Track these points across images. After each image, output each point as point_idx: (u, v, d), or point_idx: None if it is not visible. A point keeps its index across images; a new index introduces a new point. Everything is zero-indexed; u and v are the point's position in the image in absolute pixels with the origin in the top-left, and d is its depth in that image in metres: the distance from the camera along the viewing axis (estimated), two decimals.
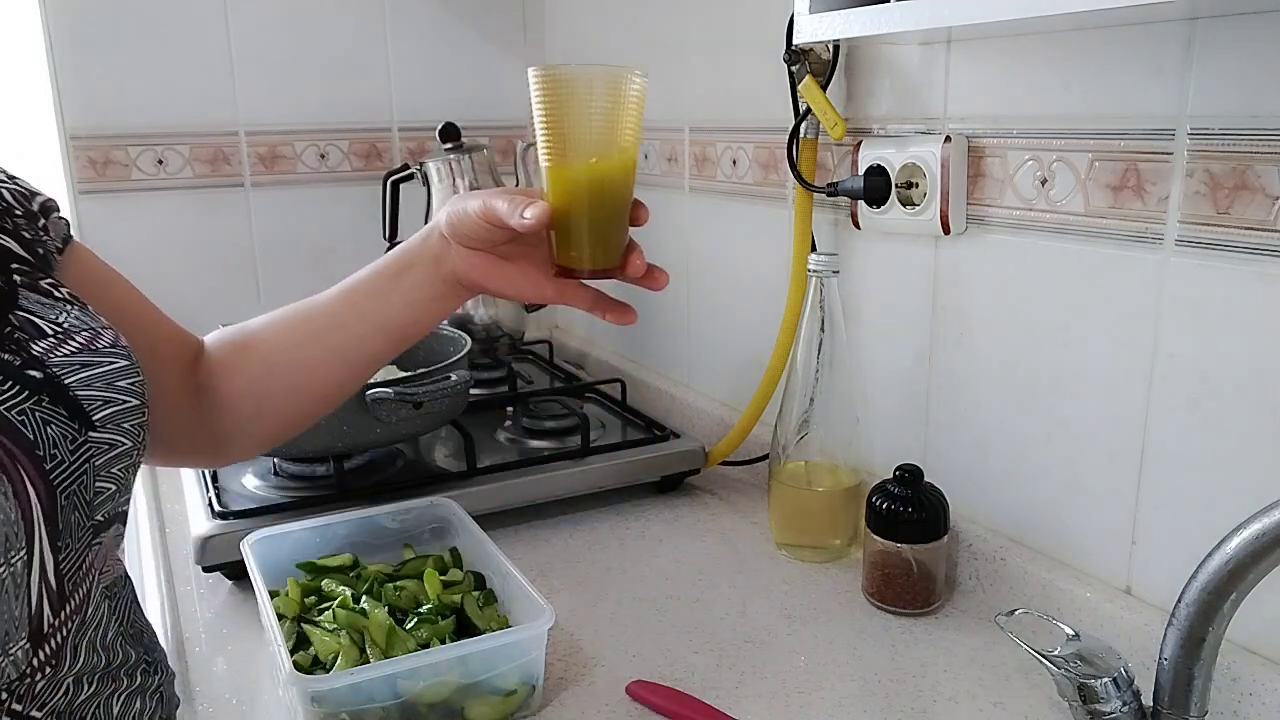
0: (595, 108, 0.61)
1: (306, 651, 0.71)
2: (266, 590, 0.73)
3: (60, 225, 0.60)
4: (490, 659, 0.67)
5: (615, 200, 0.63)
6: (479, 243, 0.66)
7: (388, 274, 0.70)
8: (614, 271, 0.65)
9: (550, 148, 0.62)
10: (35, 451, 0.45)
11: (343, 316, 0.70)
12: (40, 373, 0.48)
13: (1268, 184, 0.62)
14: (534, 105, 0.62)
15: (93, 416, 0.50)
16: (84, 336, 0.52)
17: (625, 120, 0.62)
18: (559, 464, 1.03)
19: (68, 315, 0.52)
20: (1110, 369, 0.74)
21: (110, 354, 0.52)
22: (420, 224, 1.32)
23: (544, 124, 0.62)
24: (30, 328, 0.50)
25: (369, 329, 0.70)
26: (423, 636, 0.71)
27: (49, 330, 0.50)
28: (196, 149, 1.41)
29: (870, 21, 0.72)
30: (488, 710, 0.68)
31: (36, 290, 0.52)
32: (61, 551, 0.47)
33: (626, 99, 0.61)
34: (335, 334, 0.70)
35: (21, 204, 0.57)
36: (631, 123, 0.62)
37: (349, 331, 0.70)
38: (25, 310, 0.51)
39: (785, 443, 0.92)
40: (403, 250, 0.70)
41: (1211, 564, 0.52)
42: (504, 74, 1.58)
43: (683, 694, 0.71)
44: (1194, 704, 0.55)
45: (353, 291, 0.71)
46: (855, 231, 0.97)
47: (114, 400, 0.51)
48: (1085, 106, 0.73)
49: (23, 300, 0.51)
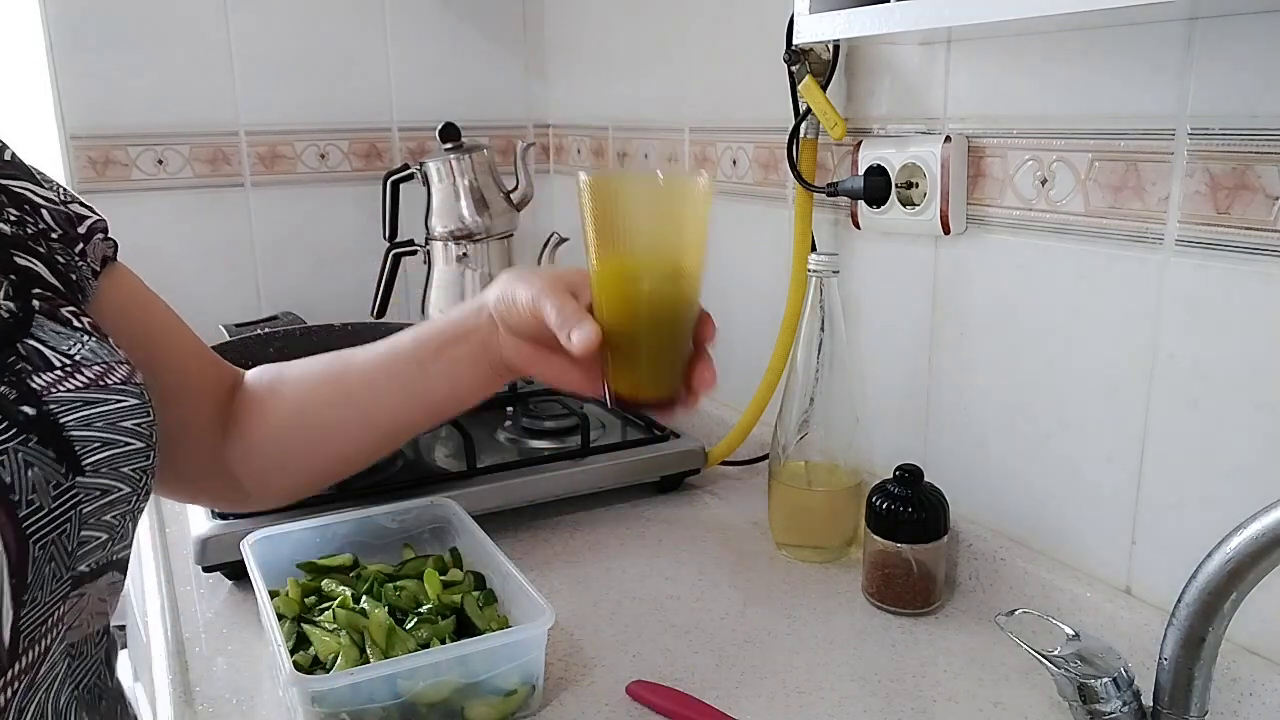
0: (655, 223, 0.54)
1: (306, 651, 0.70)
2: (266, 590, 0.73)
3: (102, 247, 0.58)
4: (490, 659, 0.67)
5: (677, 325, 0.57)
6: (527, 334, 0.62)
7: (431, 346, 0.67)
8: (674, 402, 0.58)
9: (603, 264, 0.55)
10: (9, 496, 0.43)
11: (380, 383, 0.67)
12: (34, 409, 0.45)
13: (1268, 184, 0.62)
14: (584, 216, 0.55)
15: (84, 460, 0.47)
16: (94, 371, 0.49)
17: (690, 234, 0.55)
18: (559, 464, 1.03)
19: (82, 347, 0.50)
20: (1110, 369, 0.74)
21: (120, 391, 0.50)
22: (420, 224, 1.33)
23: (595, 239, 0.55)
24: (37, 358, 0.48)
25: (405, 399, 0.67)
26: (423, 636, 0.71)
27: (57, 362, 0.48)
28: (196, 149, 1.41)
29: (870, 21, 0.72)
30: (488, 710, 0.67)
31: (55, 318, 0.50)
32: (26, 605, 0.43)
33: (690, 210, 0.54)
34: (369, 399, 0.67)
35: (62, 227, 0.55)
36: (697, 237, 0.55)
37: (383, 399, 0.67)
38: (37, 339, 0.48)
39: (785, 443, 0.92)
40: (450, 324, 0.66)
41: (1211, 564, 0.52)
42: (504, 74, 1.58)
43: (683, 694, 0.71)
44: (1194, 704, 0.55)
45: (394, 359, 0.67)
46: (855, 231, 0.97)
47: (114, 442, 0.48)
48: (1085, 106, 0.73)
49: (36, 329, 0.49)
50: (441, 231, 1.31)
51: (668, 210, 0.54)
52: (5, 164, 0.55)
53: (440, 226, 1.31)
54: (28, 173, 0.56)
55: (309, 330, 1.18)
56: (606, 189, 0.54)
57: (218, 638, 0.81)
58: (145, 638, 0.87)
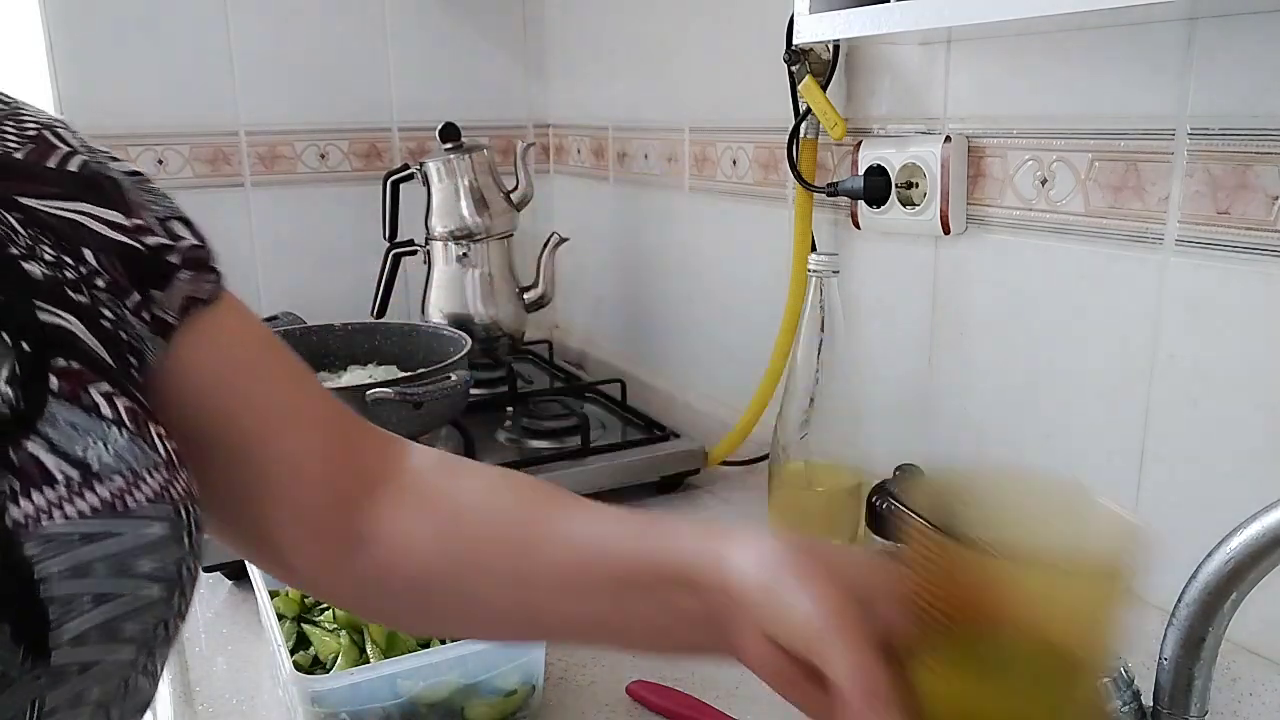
0: (1053, 642, 0.34)
1: (307, 651, 0.71)
2: (266, 590, 0.73)
3: (187, 288, 0.43)
4: (489, 659, 0.67)
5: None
6: (783, 644, 0.40)
7: (646, 576, 0.45)
8: None
9: (947, 683, 0.35)
10: None
11: (570, 590, 0.47)
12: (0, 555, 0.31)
13: (1268, 184, 0.62)
14: (917, 588, 0.35)
15: (56, 636, 0.32)
16: (115, 485, 0.35)
17: (1100, 658, 0.37)
18: (559, 464, 1.03)
19: (105, 448, 0.35)
20: (1110, 369, 0.74)
21: (143, 517, 0.35)
22: (420, 224, 1.33)
23: (939, 642, 0.35)
24: (33, 469, 0.33)
25: (587, 626, 0.48)
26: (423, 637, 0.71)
27: (60, 475, 0.33)
28: (196, 149, 1.41)
29: (870, 21, 0.72)
30: (488, 710, 0.68)
31: (77, 402, 0.35)
32: None
33: (1109, 610, 0.35)
34: (545, 600, 0.47)
35: (120, 268, 0.40)
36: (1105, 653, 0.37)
37: (561, 609, 0.47)
38: (42, 437, 0.33)
39: (785, 443, 0.92)
40: (687, 568, 0.43)
41: (1211, 564, 0.52)
42: (504, 74, 1.58)
43: (683, 694, 0.71)
44: (1194, 704, 0.55)
45: (595, 565, 0.47)
46: (855, 231, 0.97)
47: (112, 596, 0.34)
48: (1085, 106, 0.73)
49: (47, 423, 0.34)
50: (441, 231, 1.31)
51: (1079, 614, 0.34)
52: (56, 176, 0.40)
53: (440, 226, 1.31)
54: (95, 188, 0.41)
55: (309, 330, 1.18)
56: (970, 565, 0.32)
57: (218, 638, 0.81)
58: None
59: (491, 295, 1.32)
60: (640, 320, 1.41)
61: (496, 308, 1.33)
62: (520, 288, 1.35)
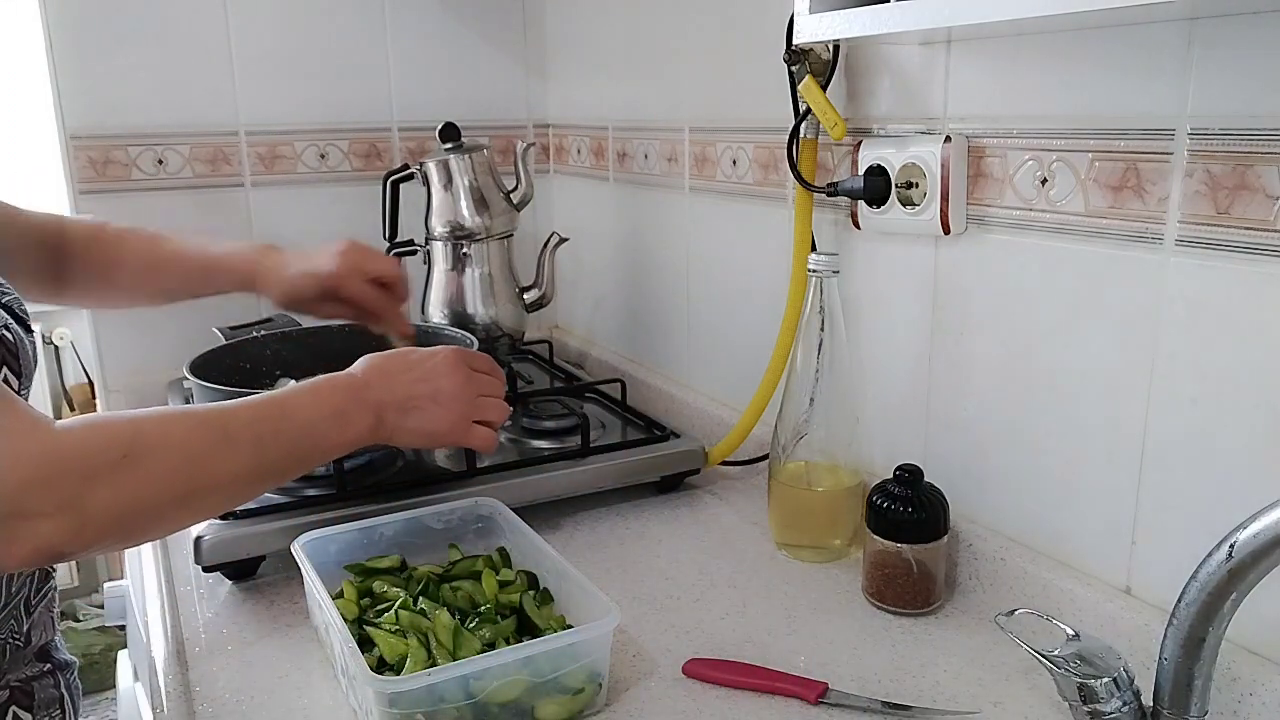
0: None
1: (371, 653, 0.71)
2: (328, 594, 0.73)
3: None
4: (557, 658, 0.68)
5: None
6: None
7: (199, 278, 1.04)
8: None
9: None
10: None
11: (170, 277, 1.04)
12: None
13: (1268, 184, 0.62)
14: None
15: None
16: None
17: None
18: (559, 464, 1.03)
19: None
20: (1110, 369, 0.74)
21: None
22: (420, 224, 1.33)
23: None
24: None
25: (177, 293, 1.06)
26: (487, 637, 0.72)
27: None
28: (196, 149, 1.41)
29: (870, 21, 0.72)
30: (557, 709, 0.68)
31: None
32: None
33: None
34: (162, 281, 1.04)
35: None
36: None
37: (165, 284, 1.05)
38: None
39: (785, 443, 0.92)
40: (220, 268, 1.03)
41: (1211, 564, 0.52)
42: (504, 74, 1.58)
43: (736, 663, 0.74)
44: (1194, 704, 0.55)
45: (172, 269, 1.03)
46: (855, 231, 0.97)
47: None
48: (1085, 106, 0.73)
49: None
50: (441, 231, 1.31)
51: None
52: None
53: (440, 226, 1.31)
54: None
55: (308, 331, 1.18)
56: None
57: (218, 638, 0.81)
58: (145, 638, 0.87)
59: (491, 295, 1.32)
60: (640, 320, 1.41)
61: (496, 308, 1.33)
62: (520, 288, 1.35)
